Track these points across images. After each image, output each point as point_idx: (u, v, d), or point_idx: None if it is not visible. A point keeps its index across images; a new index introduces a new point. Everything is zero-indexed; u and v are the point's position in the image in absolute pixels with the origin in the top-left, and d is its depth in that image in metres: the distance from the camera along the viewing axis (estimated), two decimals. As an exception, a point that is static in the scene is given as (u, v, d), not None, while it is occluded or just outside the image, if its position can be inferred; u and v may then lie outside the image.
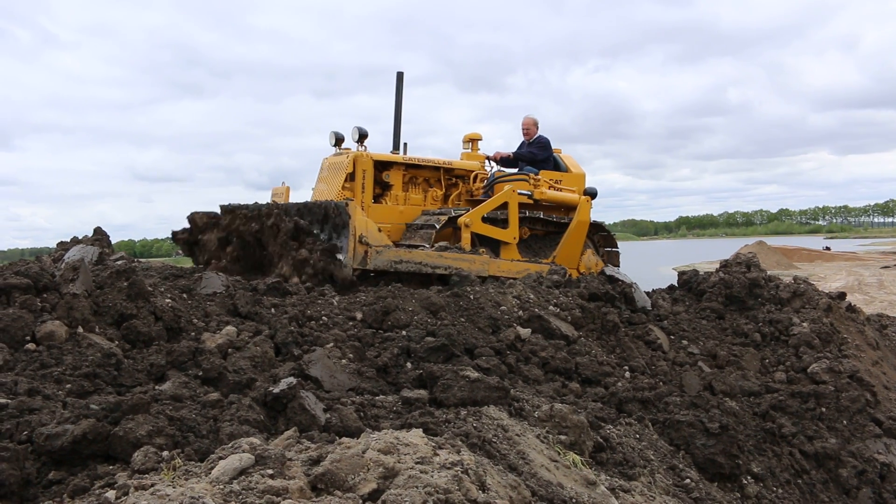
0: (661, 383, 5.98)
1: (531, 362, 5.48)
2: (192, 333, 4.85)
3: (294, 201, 8.39)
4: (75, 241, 7.02)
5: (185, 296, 5.51)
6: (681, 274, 8.58)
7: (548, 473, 3.66)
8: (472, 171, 9.91)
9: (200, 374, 4.15)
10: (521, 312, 6.06)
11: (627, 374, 5.96)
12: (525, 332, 5.75)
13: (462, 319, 5.73)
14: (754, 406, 5.98)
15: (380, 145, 8.89)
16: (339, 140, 9.25)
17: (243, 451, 2.40)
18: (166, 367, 4.29)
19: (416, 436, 2.68)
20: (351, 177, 8.76)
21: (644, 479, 4.31)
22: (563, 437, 4.17)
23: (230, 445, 2.52)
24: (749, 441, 5.51)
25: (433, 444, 2.69)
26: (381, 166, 9.13)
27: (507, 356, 5.39)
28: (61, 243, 7.18)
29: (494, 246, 8.69)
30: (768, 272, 8.50)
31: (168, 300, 5.09)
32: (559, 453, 3.99)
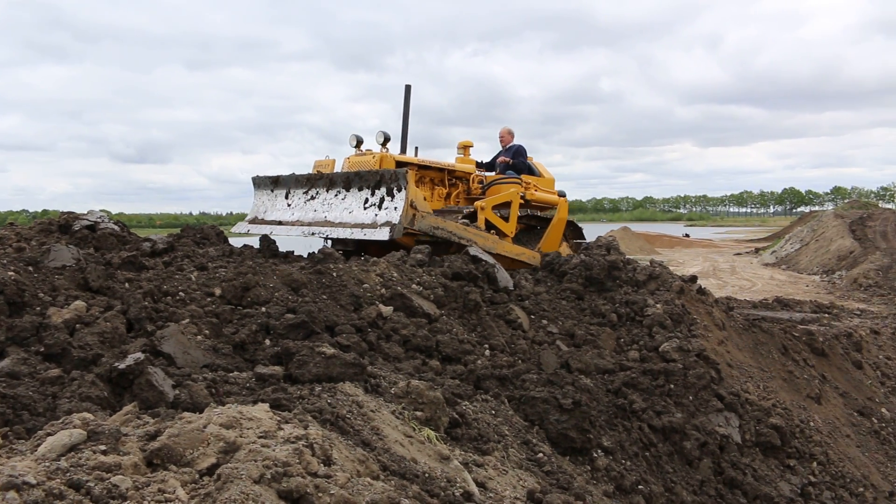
0: (519, 361, 6.13)
1: (392, 340, 5.51)
2: (38, 308, 4.62)
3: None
4: None
5: (30, 268, 5.23)
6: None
7: (402, 449, 3.71)
8: (471, 174, 11.11)
9: (42, 350, 3.97)
10: (383, 290, 6.08)
11: (487, 353, 6.08)
12: (387, 309, 5.77)
13: (324, 296, 5.69)
14: (608, 383, 6.22)
15: (253, 120, 8.92)
16: (359, 142, 10.19)
17: (74, 427, 2.31)
18: (6, 343, 4.07)
19: (260, 410, 2.66)
20: None
21: (498, 454, 4.42)
22: (418, 413, 4.23)
23: (60, 421, 2.43)
24: (601, 416, 5.73)
25: (278, 419, 2.67)
26: (401, 167, 9.62)
27: (367, 334, 5.40)
28: None
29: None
30: (632, 257, 8.87)
31: (11, 273, 4.82)
32: (414, 429, 4.04)
